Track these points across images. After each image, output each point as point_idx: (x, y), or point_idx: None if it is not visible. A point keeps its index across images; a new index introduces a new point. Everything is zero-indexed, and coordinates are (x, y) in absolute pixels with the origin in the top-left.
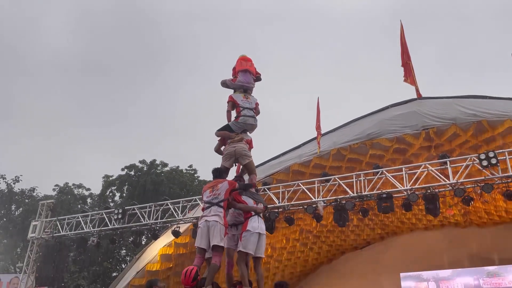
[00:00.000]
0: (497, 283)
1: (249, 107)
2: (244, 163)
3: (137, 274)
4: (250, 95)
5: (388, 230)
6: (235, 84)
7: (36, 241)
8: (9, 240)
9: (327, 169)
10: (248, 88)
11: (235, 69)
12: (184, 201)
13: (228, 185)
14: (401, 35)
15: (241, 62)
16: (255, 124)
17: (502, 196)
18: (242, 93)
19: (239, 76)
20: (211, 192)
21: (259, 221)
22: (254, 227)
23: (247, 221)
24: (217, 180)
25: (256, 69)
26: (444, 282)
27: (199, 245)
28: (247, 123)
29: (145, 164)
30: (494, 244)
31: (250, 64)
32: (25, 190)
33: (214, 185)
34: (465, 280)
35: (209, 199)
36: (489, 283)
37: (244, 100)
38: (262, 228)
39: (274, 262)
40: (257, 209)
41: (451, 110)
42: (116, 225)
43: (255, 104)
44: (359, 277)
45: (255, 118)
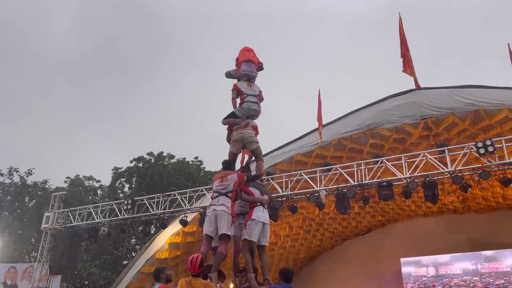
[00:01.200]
0: (495, 268)
1: (253, 94)
2: (251, 148)
3: (147, 262)
4: (253, 83)
5: (388, 217)
6: (239, 73)
7: (49, 231)
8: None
9: (328, 159)
10: (252, 76)
11: (239, 59)
12: (191, 192)
13: (237, 178)
14: (399, 28)
15: (244, 53)
16: (258, 110)
17: (499, 183)
18: (246, 81)
19: (243, 65)
20: (220, 183)
21: (263, 211)
22: (259, 216)
23: (252, 210)
24: (227, 171)
25: (259, 59)
26: (443, 267)
27: (206, 232)
28: (251, 108)
29: (153, 156)
30: (491, 229)
31: (253, 55)
32: (38, 183)
33: (224, 176)
34: (463, 265)
35: (218, 189)
36: (487, 268)
37: (248, 88)
38: (266, 218)
39: (279, 249)
40: (262, 201)
41: (449, 100)
42: (126, 215)
43: (258, 92)
44: (361, 263)
45: (258, 104)
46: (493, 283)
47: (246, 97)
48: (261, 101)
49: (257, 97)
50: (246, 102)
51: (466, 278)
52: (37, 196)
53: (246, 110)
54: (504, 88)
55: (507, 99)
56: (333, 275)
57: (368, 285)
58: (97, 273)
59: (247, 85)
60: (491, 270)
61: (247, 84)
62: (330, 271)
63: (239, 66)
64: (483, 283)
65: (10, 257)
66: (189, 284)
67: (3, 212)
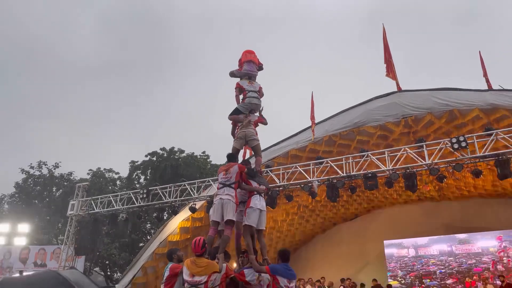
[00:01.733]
0: (467, 249)
1: (254, 90)
2: (252, 145)
3: (160, 244)
4: (254, 81)
5: (373, 204)
6: (241, 72)
7: (74, 217)
8: (51, 217)
9: (320, 153)
10: (252, 75)
11: (241, 60)
12: (199, 182)
13: (238, 169)
14: (383, 36)
15: (246, 54)
16: (259, 104)
17: (470, 174)
18: (247, 79)
19: (244, 65)
20: (225, 175)
21: (260, 199)
22: (256, 204)
23: (250, 199)
24: (230, 163)
25: (259, 59)
26: (422, 249)
27: (213, 219)
28: (252, 103)
29: (165, 151)
30: (464, 215)
31: (254, 56)
32: (64, 175)
33: (227, 168)
34: (440, 247)
35: (223, 180)
36: (460, 249)
37: (249, 85)
38: (263, 205)
39: (276, 233)
40: (259, 190)
41: (427, 101)
42: (142, 203)
43: (258, 88)
44: (349, 244)
45: (259, 99)
46: (465, 263)
47: (247, 93)
48: (261, 96)
49: (257, 92)
50: (248, 98)
51: (442, 258)
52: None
53: (248, 105)
54: (475, 91)
55: (478, 100)
56: (324, 255)
57: (355, 264)
58: (116, 254)
59: (248, 82)
60: (464, 251)
61: (248, 81)
62: (322, 252)
63: (241, 66)
64: (457, 263)
65: (40, 240)
66: (193, 263)
67: (33, 201)
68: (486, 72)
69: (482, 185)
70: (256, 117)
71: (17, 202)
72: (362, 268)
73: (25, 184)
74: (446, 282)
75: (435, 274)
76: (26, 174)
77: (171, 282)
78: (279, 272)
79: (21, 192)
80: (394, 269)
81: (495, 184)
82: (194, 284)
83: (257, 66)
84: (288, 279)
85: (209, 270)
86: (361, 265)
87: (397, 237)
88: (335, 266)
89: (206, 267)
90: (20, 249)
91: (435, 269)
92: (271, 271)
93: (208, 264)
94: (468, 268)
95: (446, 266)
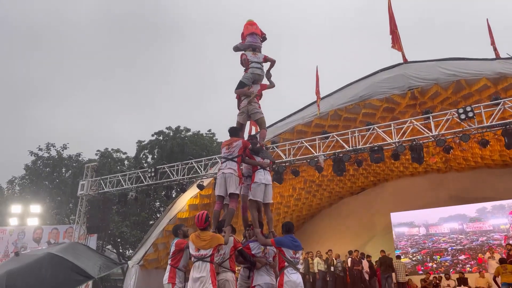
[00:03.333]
0: (478, 227)
1: (257, 61)
2: (255, 118)
3: (170, 221)
4: (258, 52)
5: (380, 177)
6: (245, 45)
7: (84, 197)
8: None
9: (326, 128)
10: (256, 47)
11: (243, 33)
12: (206, 160)
13: (242, 144)
14: (388, 6)
15: (248, 27)
16: (262, 74)
17: (477, 145)
18: (251, 51)
19: (247, 38)
20: (227, 149)
21: (264, 173)
22: (260, 179)
23: (254, 174)
24: (233, 138)
25: (262, 30)
26: (432, 227)
27: (218, 193)
28: (255, 73)
29: (171, 130)
30: (471, 186)
31: (256, 27)
32: (72, 156)
33: (230, 143)
34: (450, 225)
35: (226, 155)
36: (472, 227)
37: (253, 56)
38: (268, 179)
39: (284, 207)
40: (263, 164)
41: (433, 72)
42: (150, 182)
43: (262, 58)
44: (356, 218)
45: (262, 70)
46: (477, 240)
47: (250, 63)
48: (272, 61)
49: (261, 63)
50: (250, 68)
51: (453, 236)
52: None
53: (250, 75)
54: (482, 60)
55: (486, 69)
56: (332, 229)
57: (362, 236)
58: (127, 231)
59: (252, 54)
60: (475, 229)
61: (252, 53)
62: (329, 226)
63: (244, 39)
64: (468, 240)
65: (52, 220)
66: (198, 237)
67: (44, 182)
68: (493, 41)
69: (489, 155)
70: (258, 86)
71: (28, 184)
72: (369, 240)
73: (34, 166)
74: (459, 258)
75: (447, 251)
76: (35, 156)
77: (177, 257)
78: (284, 244)
79: (31, 174)
80: (405, 247)
81: (503, 154)
82: (200, 257)
83: (260, 37)
84: (294, 251)
85: (214, 243)
86: (368, 238)
87: (403, 209)
88: (342, 239)
89: (210, 240)
90: (33, 229)
91: (446, 246)
92: (276, 244)
93: (212, 237)
94: (480, 244)
95: (457, 244)
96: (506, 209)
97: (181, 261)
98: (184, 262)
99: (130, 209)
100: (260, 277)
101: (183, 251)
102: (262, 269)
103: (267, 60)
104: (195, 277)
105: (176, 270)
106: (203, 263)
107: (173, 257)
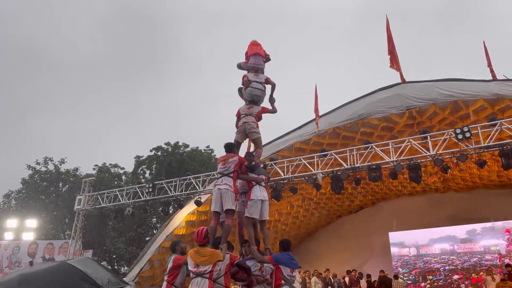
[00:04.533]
0: (470, 248)
1: (258, 81)
2: (252, 138)
3: (167, 238)
4: (260, 73)
5: (378, 196)
6: (248, 65)
7: (81, 212)
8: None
9: (324, 146)
10: (259, 68)
11: (247, 53)
12: (204, 176)
13: (238, 160)
14: (387, 28)
15: (252, 47)
16: (261, 96)
17: (475, 165)
18: (254, 72)
19: (251, 59)
20: (223, 165)
21: (260, 189)
22: (257, 195)
23: (250, 190)
24: (229, 154)
25: (265, 51)
26: (423, 248)
27: (214, 209)
28: (253, 94)
29: (170, 146)
30: (469, 206)
31: (260, 48)
32: (70, 170)
33: (226, 159)
34: (441, 246)
35: (221, 170)
36: (463, 248)
37: (255, 76)
38: (264, 195)
39: (281, 225)
40: (258, 179)
41: (431, 92)
42: (148, 197)
43: (264, 80)
44: (353, 237)
45: (262, 91)
46: (469, 260)
47: (252, 83)
48: (273, 85)
49: (262, 84)
50: (250, 88)
51: (444, 257)
52: (69, 181)
53: (248, 95)
54: (479, 81)
55: (483, 90)
56: (329, 248)
57: (360, 257)
58: (123, 248)
59: (254, 74)
60: (466, 250)
61: (254, 74)
62: (327, 244)
63: (248, 59)
64: (460, 261)
65: (47, 235)
66: (197, 253)
67: (40, 196)
68: (490, 62)
69: (487, 175)
70: (259, 108)
71: (24, 198)
72: (367, 260)
73: (31, 180)
74: (452, 278)
75: (439, 271)
76: (32, 170)
77: (174, 273)
78: (282, 262)
79: (28, 188)
80: (395, 267)
81: (500, 175)
82: (199, 273)
83: (263, 58)
84: (291, 269)
85: (214, 259)
86: (366, 257)
87: (402, 229)
88: (340, 258)
89: (210, 256)
90: (28, 244)
91: (438, 266)
92: (274, 261)
93: (212, 253)
94: (473, 265)
95: (449, 264)
96: (496, 231)
97: (178, 277)
98: (181, 279)
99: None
100: None
101: (180, 267)
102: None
103: (268, 82)
104: None
105: (173, 287)
106: (202, 279)
107: (170, 273)
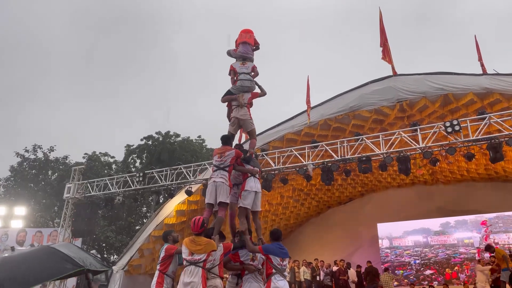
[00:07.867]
0: (443, 240)
1: (246, 71)
2: (247, 129)
3: (157, 227)
4: (248, 61)
5: (367, 187)
6: (236, 54)
7: (70, 200)
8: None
9: (315, 137)
10: (246, 57)
11: (237, 41)
12: (195, 166)
13: (235, 154)
14: (380, 20)
15: (242, 35)
16: (251, 86)
17: (463, 158)
18: (241, 61)
19: (239, 47)
20: (219, 158)
21: (255, 181)
22: (251, 186)
23: (245, 181)
24: (226, 147)
25: (256, 39)
26: (396, 240)
27: (208, 201)
28: (244, 85)
29: (161, 135)
30: (457, 198)
31: (249, 36)
32: (59, 158)
33: (223, 152)
34: (415, 238)
35: (217, 163)
36: (436, 240)
37: (242, 66)
38: (258, 187)
39: (271, 215)
40: (253, 171)
41: (422, 85)
42: (138, 186)
43: (251, 68)
44: (342, 227)
45: (250, 81)
46: (442, 253)
47: (239, 75)
48: (256, 75)
49: (249, 74)
50: (239, 80)
51: (417, 249)
52: (58, 170)
53: (239, 88)
54: (470, 75)
55: (473, 84)
56: (319, 238)
57: (349, 246)
58: (113, 236)
59: (241, 64)
60: (440, 243)
61: (241, 63)
62: (316, 235)
63: (237, 47)
64: (433, 254)
65: (36, 223)
66: (193, 242)
67: (29, 184)
68: (481, 56)
69: (474, 168)
70: (249, 95)
71: (13, 186)
72: (355, 250)
73: (20, 168)
74: (424, 273)
75: (410, 265)
76: (21, 158)
77: (166, 263)
78: (272, 251)
79: (17, 176)
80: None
81: (488, 168)
82: (193, 262)
83: (252, 46)
84: (281, 258)
85: (208, 248)
86: (355, 248)
87: (390, 220)
88: (329, 249)
89: (205, 245)
90: (17, 232)
91: (409, 260)
92: (264, 251)
93: (207, 243)
94: (446, 258)
95: (422, 257)
96: (469, 224)
97: (170, 266)
98: (173, 268)
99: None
100: (248, 284)
101: (172, 256)
102: (250, 276)
103: (253, 71)
104: (185, 281)
105: (165, 275)
106: (196, 268)
107: (162, 262)
